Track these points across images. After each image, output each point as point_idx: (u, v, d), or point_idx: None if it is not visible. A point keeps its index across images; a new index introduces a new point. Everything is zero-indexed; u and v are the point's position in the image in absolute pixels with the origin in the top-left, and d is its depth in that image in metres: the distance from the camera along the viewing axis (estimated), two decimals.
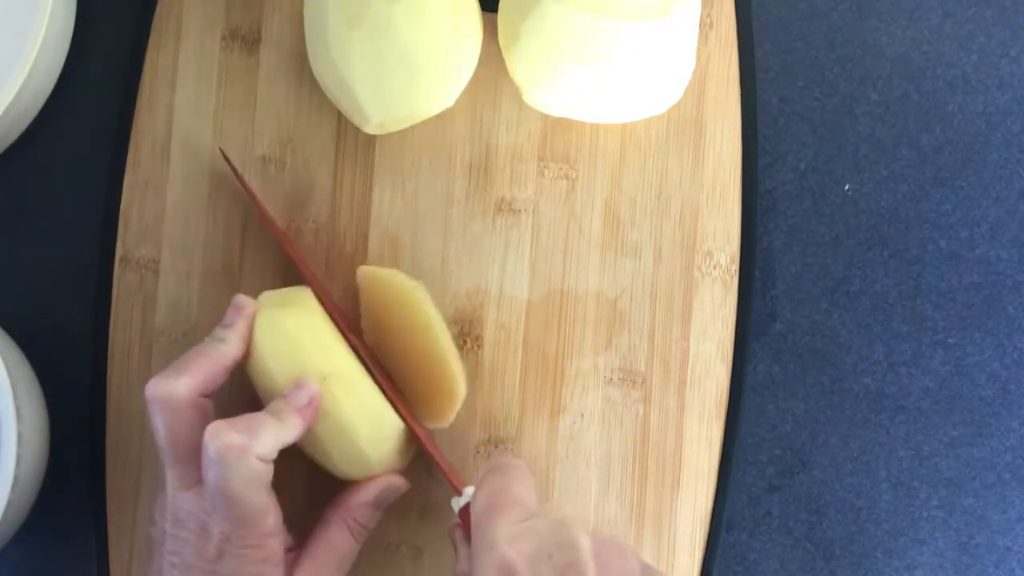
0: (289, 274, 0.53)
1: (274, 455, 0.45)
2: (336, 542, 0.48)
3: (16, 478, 0.47)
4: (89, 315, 0.53)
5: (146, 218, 0.53)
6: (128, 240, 0.53)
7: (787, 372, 0.55)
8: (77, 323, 0.54)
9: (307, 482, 0.52)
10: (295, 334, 0.47)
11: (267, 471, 0.45)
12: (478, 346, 0.53)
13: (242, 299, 0.48)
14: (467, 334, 0.53)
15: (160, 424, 0.45)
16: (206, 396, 0.47)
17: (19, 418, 0.47)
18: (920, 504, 0.55)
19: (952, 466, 0.55)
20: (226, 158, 0.52)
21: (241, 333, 0.47)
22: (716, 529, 0.52)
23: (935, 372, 0.55)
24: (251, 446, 0.44)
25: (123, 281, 0.53)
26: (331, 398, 0.47)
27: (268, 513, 0.45)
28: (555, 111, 0.52)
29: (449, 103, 0.52)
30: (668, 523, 0.52)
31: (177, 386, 0.46)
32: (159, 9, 0.54)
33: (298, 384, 0.46)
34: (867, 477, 0.55)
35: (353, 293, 0.53)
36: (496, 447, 0.52)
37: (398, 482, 0.49)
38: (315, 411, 0.46)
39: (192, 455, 0.45)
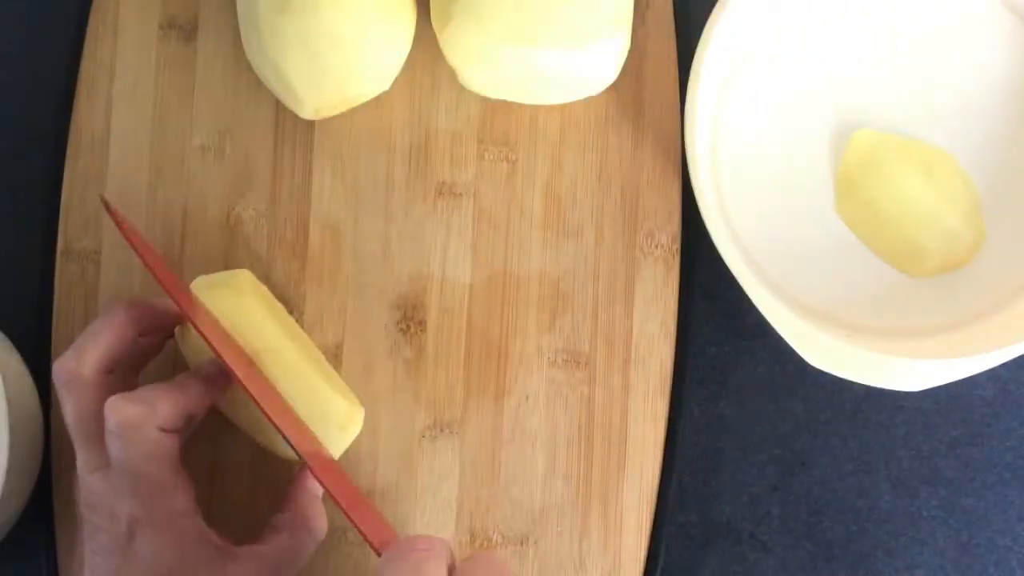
0: (230, 262, 0.53)
1: (177, 424, 0.45)
2: (284, 538, 0.47)
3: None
4: (32, 308, 0.53)
5: (87, 210, 0.53)
6: (69, 232, 0.53)
7: (787, 372, 0.54)
8: (20, 316, 0.53)
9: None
10: (223, 313, 0.47)
11: (170, 443, 0.44)
12: (421, 330, 0.53)
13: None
14: (410, 319, 0.53)
15: (67, 404, 0.45)
16: (111, 372, 0.46)
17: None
18: (920, 504, 0.55)
19: (952, 466, 0.55)
20: (106, 204, 0.48)
21: (140, 307, 0.47)
22: (662, 507, 0.52)
23: None
24: (150, 416, 0.43)
25: (65, 273, 0.53)
26: (264, 375, 0.46)
27: (175, 490, 0.44)
28: (492, 93, 0.52)
29: (385, 87, 0.51)
30: (615, 502, 0.52)
31: (80, 364, 0.45)
32: (96, 0, 0.54)
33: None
34: (867, 477, 0.54)
35: (295, 281, 0.53)
36: (441, 431, 0.52)
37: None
38: (226, 381, 0.46)
39: (100, 434, 0.44)
